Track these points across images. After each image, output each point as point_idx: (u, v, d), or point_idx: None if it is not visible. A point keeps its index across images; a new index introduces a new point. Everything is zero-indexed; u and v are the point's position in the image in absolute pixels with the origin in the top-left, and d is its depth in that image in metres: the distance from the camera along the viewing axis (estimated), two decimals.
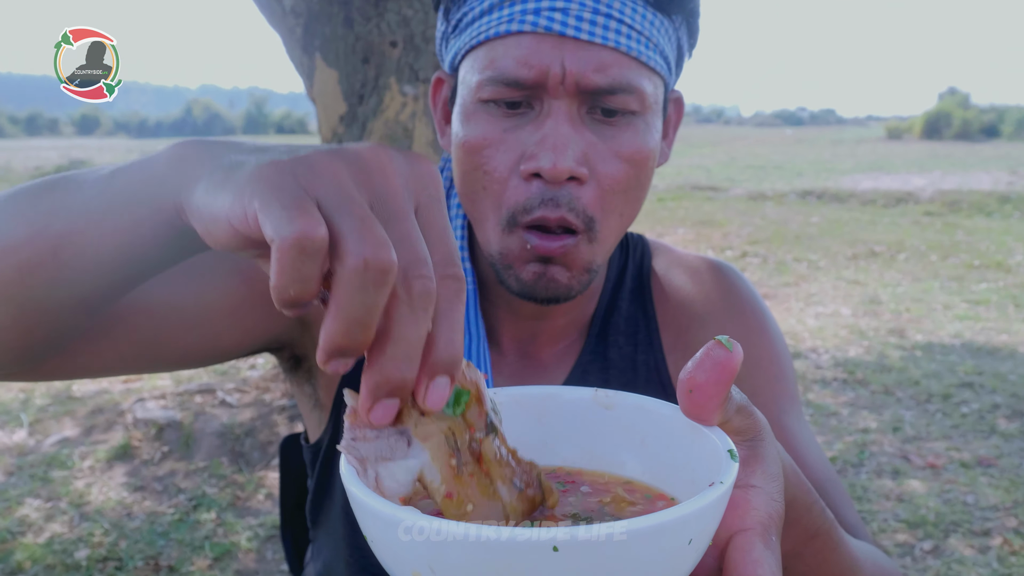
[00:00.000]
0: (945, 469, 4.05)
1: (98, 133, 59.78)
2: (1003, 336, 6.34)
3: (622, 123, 0.89)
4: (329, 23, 3.71)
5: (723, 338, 0.51)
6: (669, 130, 1.04)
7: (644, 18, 0.88)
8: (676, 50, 0.95)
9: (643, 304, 1.08)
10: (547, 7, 0.86)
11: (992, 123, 43.28)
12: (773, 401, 1.03)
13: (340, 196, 0.43)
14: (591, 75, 0.85)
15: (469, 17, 0.91)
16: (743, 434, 0.54)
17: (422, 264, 0.43)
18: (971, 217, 13.27)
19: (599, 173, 0.88)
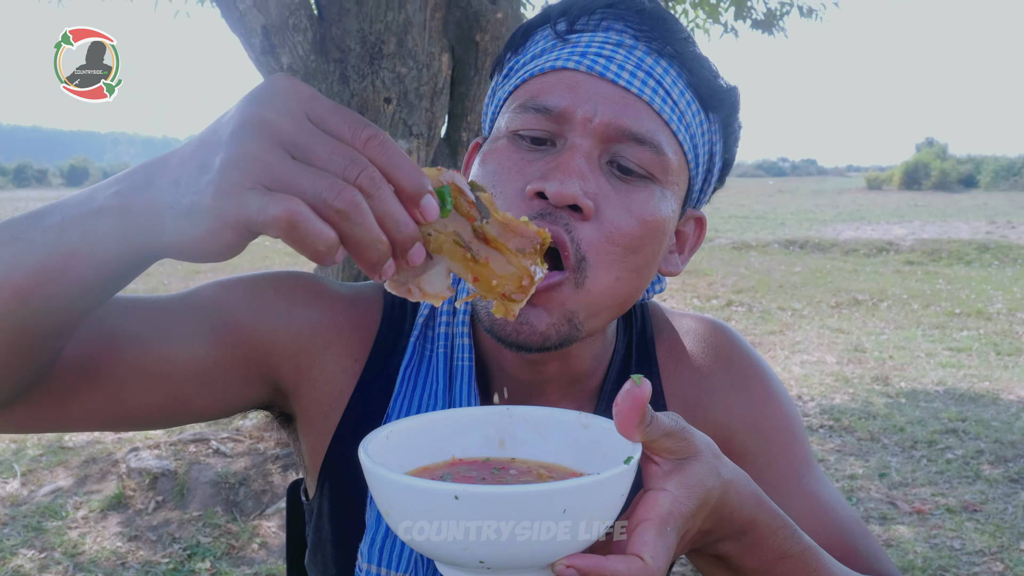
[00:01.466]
0: (931, 515, 4.11)
1: (87, 184, 59.85)
2: (985, 383, 6.44)
3: (638, 184, 0.88)
4: (325, 80, 3.81)
5: (636, 377, 0.65)
6: (685, 247, 1.02)
7: (683, 96, 0.89)
8: (707, 153, 0.95)
9: (649, 378, 0.99)
10: (595, 52, 0.88)
11: (969, 173, 43.97)
12: (789, 468, 1.04)
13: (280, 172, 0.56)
14: (622, 119, 0.85)
15: (522, 62, 0.94)
16: (674, 453, 0.68)
17: (357, 165, 0.57)
18: (951, 266, 13.48)
19: (604, 216, 0.85)
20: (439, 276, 0.66)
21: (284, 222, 0.54)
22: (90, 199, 0.64)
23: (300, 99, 0.58)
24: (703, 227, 1.03)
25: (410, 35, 3.81)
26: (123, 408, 0.87)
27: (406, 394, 0.98)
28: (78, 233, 0.63)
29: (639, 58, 0.88)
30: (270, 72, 3.87)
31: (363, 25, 3.79)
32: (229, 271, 12.25)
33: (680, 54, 0.90)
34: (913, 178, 43.17)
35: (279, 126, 0.57)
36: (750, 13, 6.58)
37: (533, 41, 0.95)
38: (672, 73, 0.89)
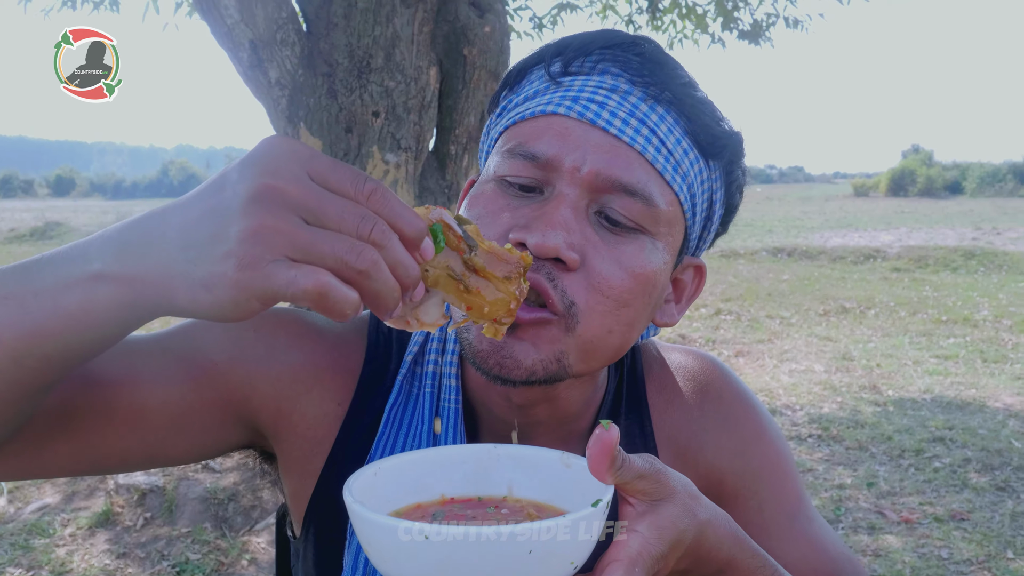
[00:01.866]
0: (919, 524, 4.13)
1: (73, 194, 59.51)
2: (972, 391, 6.48)
3: (627, 236, 0.84)
4: (313, 94, 3.82)
5: (604, 422, 0.67)
6: (683, 297, 0.98)
7: (679, 144, 0.86)
8: (707, 203, 0.92)
9: (640, 420, 1.04)
10: (587, 98, 0.85)
11: (955, 180, 44.22)
12: (782, 510, 1.04)
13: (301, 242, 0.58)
14: (612, 168, 0.83)
15: (515, 102, 0.91)
16: (648, 495, 0.70)
17: (368, 221, 0.60)
18: (937, 272, 13.56)
19: (592, 268, 0.82)
20: (435, 306, 0.70)
21: (315, 294, 0.57)
22: (84, 259, 0.63)
23: (302, 161, 0.60)
24: (703, 276, 0.99)
25: (398, 49, 3.82)
26: (97, 454, 0.86)
27: (390, 434, 0.96)
28: (77, 297, 0.62)
29: (633, 105, 0.85)
30: (258, 85, 3.87)
31: (351, 39, 3.80)
32: None
33: (678, 100, 0.87)
34: (899, 184, 43.39)
35: (290, 193, 0.58)
36: (737, 24, 6.63)
37: (528, 80, 0.92)
38: (668, 120, 0.86)
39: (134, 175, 77.95)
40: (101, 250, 0.63)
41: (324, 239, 0.58)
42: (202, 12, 3.83)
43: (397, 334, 1.02)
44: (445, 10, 4.00)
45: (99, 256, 0.63)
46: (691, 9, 6.70)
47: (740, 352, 7.90)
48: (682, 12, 6.73)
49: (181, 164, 67.65)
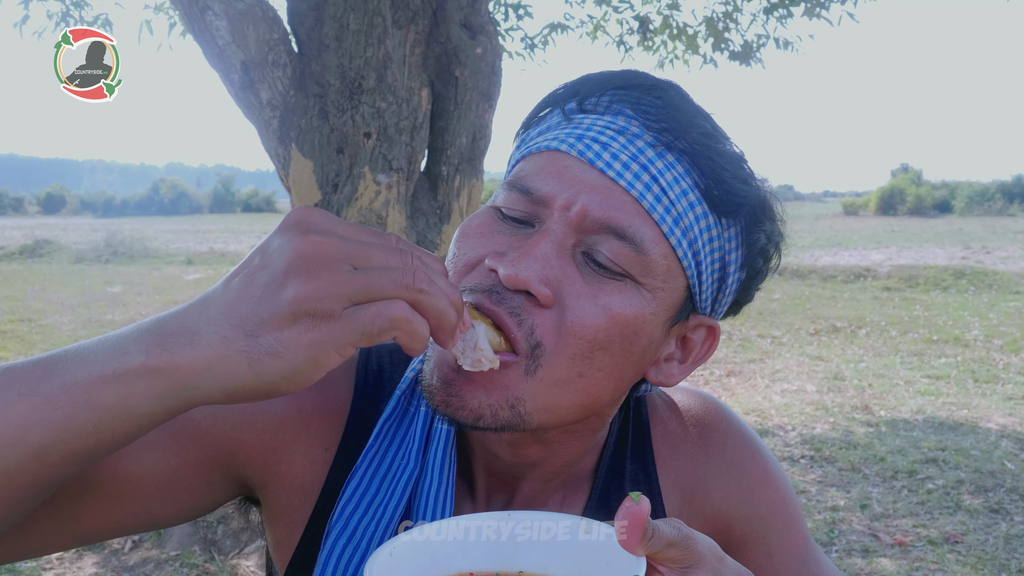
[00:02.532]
0: (913, 547, 4.11)
1: (63, 212, 59.35)
2: (964, 411, 6.48)
3: (612, 280, 0.80)
4: (305, 115, 3.81)
5: (634, 494, 0.63)
6: (689, 357, 0.92)
7: (684, 196, 0.82)
8: (719, 264, 0.86)
9: (645, 465, 1.01)
10: (591, 137, 0.82)
11: (944, 199, 44.47)
12: (790, 556, 1.03)
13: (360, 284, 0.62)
14: (603, 210, 0.79)
15: (531, 136, 0.90)
16: (678, 563, 0.66)
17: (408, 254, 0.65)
18: (928, 292, 13.60)
19: (566, 305, 0.78)
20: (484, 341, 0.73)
21: (402, 320, 0.61)
22: (120, 352, 0.62)
23: (330, 221, 0.64)
24: (715, 337, 0.92)
25: (390, 70, 3.82)
26: (83, 530, 0.83)
27: (380, 448, 0.92)
28: (115, 391, 0.61)
29: (639, 149, 0.81)
30: (249, 106, 3.86)
31: (343, 60, 3.80)
32: None
33: (693, 150, 0.81)
34: (889, 203, 43.62)
35: (331, 248, 0.61)
36: (728, 45, 6.66)
37: (546, 116, 0.90)
38: (677, 170, 0.81)
39: (124, 193, 77.81)
40: (139, 342, 0.62)
41: (380, 274, 0.61)
42: (194, 34, 3.82)
43: (388, 373, 0.99)
44: (437, 32, 4.01)
45: (138, 348, 0.61)
46: (682, 30, 6.73)
47: (732, 372, 7.89)
48: (673, 33, 6.76)
49: (172, 182, 67.40)
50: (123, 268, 18.67)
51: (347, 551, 0.88)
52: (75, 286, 15.22)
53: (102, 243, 22.01)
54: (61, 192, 64.68)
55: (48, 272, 17.82)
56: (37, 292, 14.31)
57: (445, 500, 0.89)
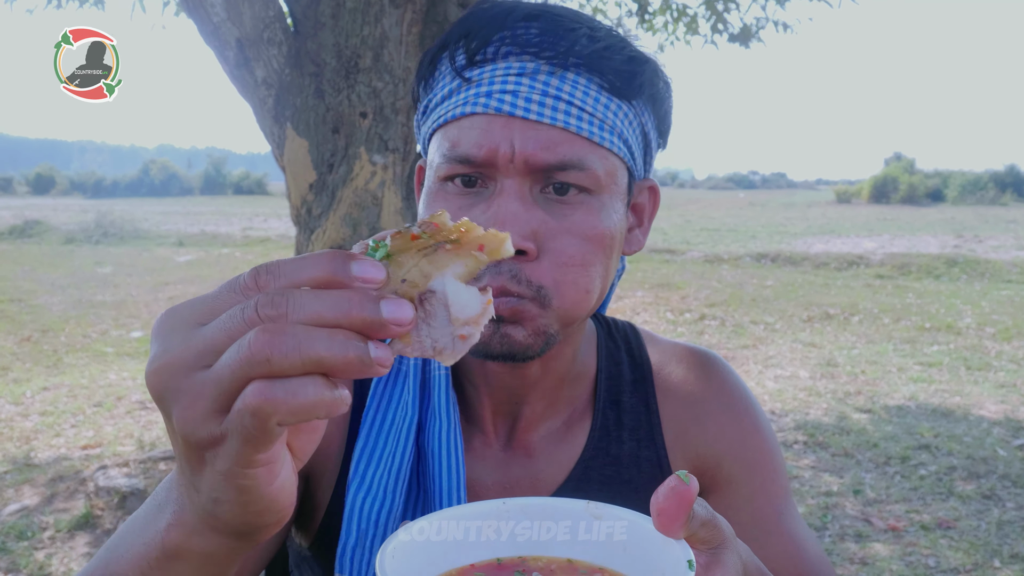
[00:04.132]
0: (906, 532, 4.12)
1: (53, 192, 58.92)
2: (956, 398, 6.49)
3: (575, 201, 0.89)
4: (300, 94, 3.77)
5: (682, 473, 0.63)
6: (644, 218, 1.04)
7: (598, 101, 0.89)
8: (641, 136, 0.95)
9: (646, 399, 1.08)
10: (498, 90, 0.88)
11: (937, 187, 44.51)
12: (770, 504, 1.06)
13: (209, 390, 0.50)
14: (539, 153, 0.86)
15: (433, 103, 0.94)
16: (707, 543, 0.66)
17: (249, 308, 0.49)
18: (920, 280, 13.63)
19: (551, 249, 0.88)
20: (460, 293, 0.52)
21: (258, 415, 0.47)
22: (151, 542, 0.64)
23: (181, 318, 0.52)
24: (657, 193, 1.04)
25: (386, 50, 3.78)
26: None
27: (379, 405, 0.99)
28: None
29: (544, 83, 0.88)
30: (244, 84, 3.82)
31: (339, 39, 3.76)
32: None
33: (585, 59, 0.89)
34: (882, 192, 43.62)
35: (174, 359, 0.51)
36: (727, 27, 6.62)
37: (439, 73, 0.94)
38: (581, 83, 0.89)
39: (115, 174, 77.29)
40: (158, 522, 0.64)
41: (221, 366, 0.49)
42: (188, 10, 3.77)
43: None
44: (434, 11, 3.97)
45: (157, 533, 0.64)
46: (682, 11, 6.69)
47: (725, 357, 7.89)
48: (673, 15, 6.72)
49: (162, 163, 66.94)
50: (113, 249, 18.57)
51: (367, 502, 0.94)
52: (65, 267, 15.14)
53: (92, 224, 21.89)
54: (51, 173, 64.19)
55: (38, 253, 17.72)
56: (27, 272, 14.22)
57: (454, 439, 0.96)
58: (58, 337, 8.86)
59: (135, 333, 9.11)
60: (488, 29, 0.89)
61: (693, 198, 49.90)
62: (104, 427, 5.58)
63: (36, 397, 6.37)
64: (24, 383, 6.85)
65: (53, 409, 6.01)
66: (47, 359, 7.81)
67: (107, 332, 9.19)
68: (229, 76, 3.88)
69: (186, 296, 11.56)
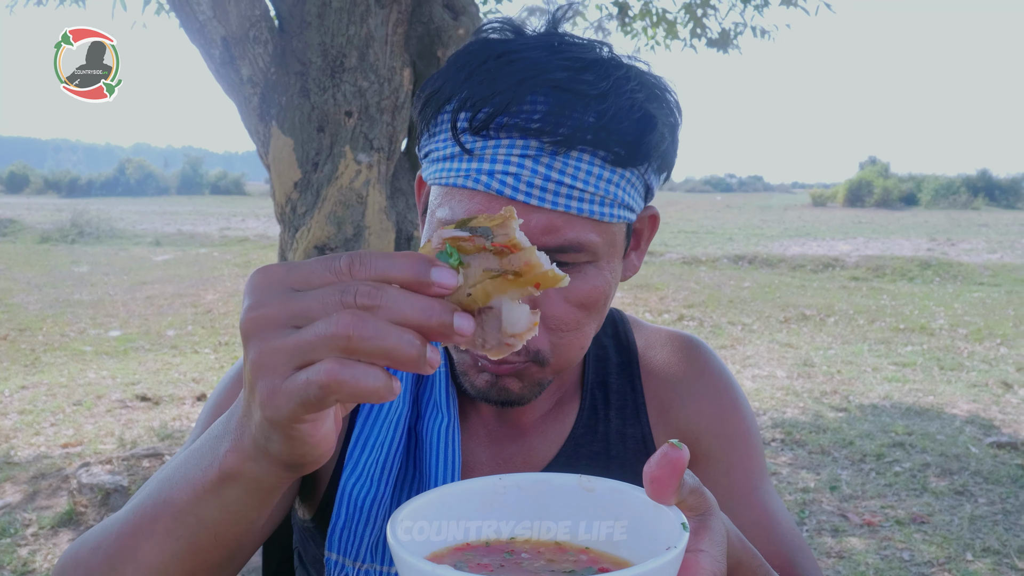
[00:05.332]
0: (881, 527, 4.20)
1: (27, 191, 58.23)
2: (930, 397, 6.60)
3: (572, 273, 0.89)
4: (285, 93, 3.79)
5: (675, 441, 0.66)
6: (641, 242, 1.05)
7: (600, 178, 0.87)
8: (643, 189, 0.94)
9: (631, 380, 1.13)
10: (500, 171, 0.85)
11: (911, 191, 44.95)
12: (746, 477, 1.10)
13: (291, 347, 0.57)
14: (539, 237, 0.86)
15: (433, 156, 0.92)
16: (695, 510, 0.69)
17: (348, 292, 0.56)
18: (895, 282, 13.81)
19: (546, 316, 0.90)
20: (513, 311, 0.60)
21: (332, 383, 0.54)
22: (207, 466, 0.69)
23: (277, 279, 0.59)
24: (656, 221, 1.05)
25: (372, 49, 3.81)
26: None
27: None
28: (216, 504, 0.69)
29: (547, 166, 0.85)
30: (229, 83, 3.84)
31: (325, 38, 3.79)
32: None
33: (593, 135, 0.85)
34: (856, 195, 44.01)
35: (270, 313, 0.57)
36: (705, 32, 6.70)
37: (439, 126, 0.91)
38: (584, 161, 0.86)
39: (90, 173, 76.49)
40: (218, 447, 0.68)
41: (308, 332, 0.55)
42: (175, 8, 3.78)
43: None
44: (419, 11, 4.00)
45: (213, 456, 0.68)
46: (661, 16, 6.76)
47: None
48: (653, 19, 6.79)
49: (138, 163, 66.28)
50: (90, 248, 18.43)
51: (356, 487, 0.99)
52: (41, 266, 15.01)
53: (68, 223, 21.71)
54: (24, 171, 63.42)
55: (13, 252, 17.55)
56: (2, 271, 14.10)
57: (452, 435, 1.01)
58: (35, 336, 8.80)
59: (113, 332, 9.06)
60: (494, 103, 0.85)
61: (671, 200, 50.13)
62: (84, 425, 5.56)
63: (14, 396, 6.34)
64: (2, 382, 6.81)
65: (32, 408, 5.98)
66: (25, 358, 7.76)
67: (85, 331, 9.13)
68: (214, 74, 3.89)
69: (164, 295, 11.50)
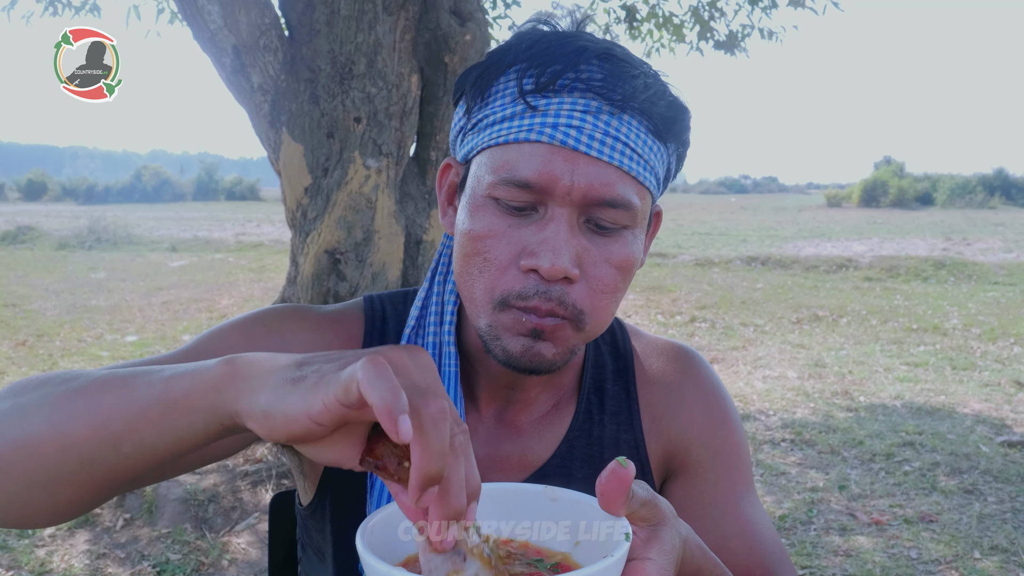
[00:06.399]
0: (889, 525, 4.22)
1: (45, 199, 58.65)
2: (941, 397, 6.60)
3: (613, 235, 0.97)
4: (296, 99, 3.86)
5: (621, 459, 0.71)
6: (647, 239, 1.12)
7: (645, 143, 0.96)
8: (665, 171, 1.03)
9: (626, 386, 1.17)
10: (564, 123, 0.93)
11: (926, 191, 44.66)
12: (732, 489, 1.14)
13: (411, 383, 0.66)
14: (597, 188, 0.93)
15: (490, 119, 0.97)
16: (648, 520, 0.74)
17: (458, 422, 0.67)
18: (908, 282, 13.76)
19: (590, 275, 0.96)
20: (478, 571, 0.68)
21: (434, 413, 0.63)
22: (199, 364, 0.74)
23: (423, 364, 0.70)
24: (660, 218, 1.14)
25: (380, 56, 3.87)
26: (142, 481, 0.90)
27: None
28: (181, 388, 0.72)
29: (606, 123, 0.94)
30: (240, 90, 3.90)
31: (333, 46, 3.85)
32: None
33: (640, 105, 0.95)
34: (871, 195, 43.76)
35: (397, 364, 0.67)
36: (713, 34, 6.73)
37: (499, 90, 0.98)
38: (634, 125, 0.95)
39: (106, 180, 76.92)
40: (217, 362, 0.73)
41: (408, 387, 0.65)
42: (186, 18, 3.86)
43: (391, 314, 1.16)
44: (427, 18, 4.06)
45: (215, 361, 0.73)
46: (668, 19, 6.80)
47: (715, 359, 8.00)
48: (659, 22, 6.83)
49: (154, 169, 66.58)
50: (107, 255, 18.59)
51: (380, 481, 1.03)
52: (59, 272, 15.17)
53: (85, 230, 21.88)
54: (42, 178, 63.86)
55: (31, 258, 17.73)
56: (20, 278, 14.25)
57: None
58: (53, 341, 8.91)
59: (130, 337, 9.17)
60: (560, 64, 0.94)
61: (685, 202, 50.02)
62: None
63: None
64: None
65: None
66: (43, 363, 7.86)
67: (102, 336, 9.24)
68: (225, 82, 3.96)
69: (180, 300, 11.60)
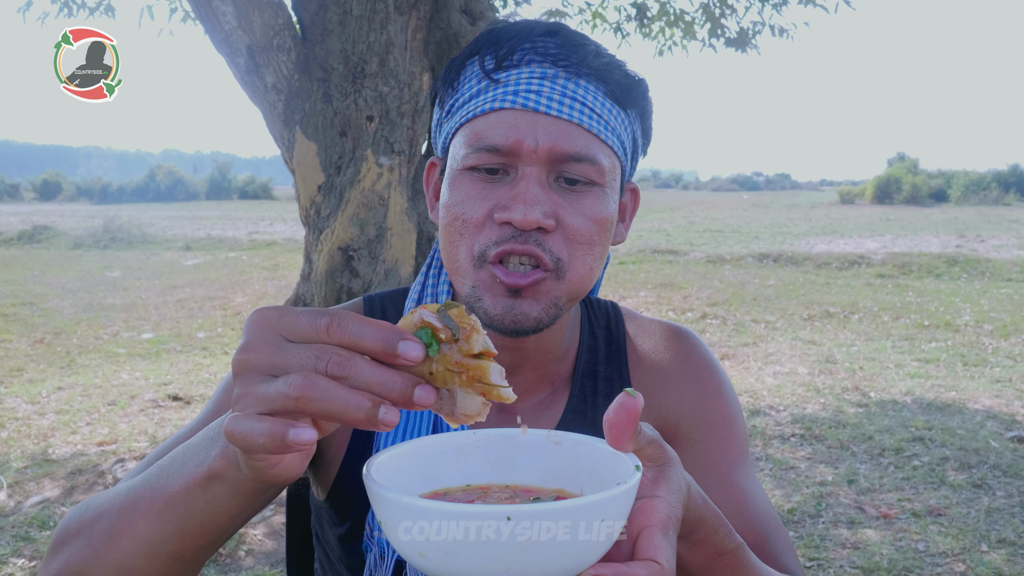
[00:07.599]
0: (897, 519, 4.25)
1: (60, 199, 59.02)
2: (952, 393, 6.61)
3: (583, 190, 1.04)
4: (309, 99, 3.91)
5: (629, 389, 0.72)
6: (626, 215, 1.19)
7: (603, 105, 1.05)
8: (631, 141, 1.11)
9: (619, 367, 1.22)
10: (524, 89, 1.03)
11: (940, 188, 44.44)
12: (724, 459, 1.17)
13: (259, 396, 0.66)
14: (560, 144, 1.01)
15: (460, 102, 1.08)
16: (654, 460, 0.75)
17: (323, 357, 0.65)
18: (921, 279, 13.73)
19: (565, 225, 1.02)
20: (466, 399, 0.69)
21: (272, 437, 0.64)
22: (199, 463, 0.80)
23: (270, 325, 0.67)
24: (637, 195, 1.21)
25: (392, 55, 3.92)
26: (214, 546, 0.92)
27: None
28: (202, 497, 0.80)
29: (563, 86, 1.03)
30: (254, 90, 3.96)
31: (346, 45, 3.90)
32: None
33: (594, 70, 1.05)
34: (885, 192, 43.59)
35: (254, 360, 0.67)
36: (724, 32, 6.75)
37: (465, 77, 1.08)
38: (591, 89, 1.04)
39: (120, 179, 77.30)
40: (209, 450, 0.79)
41: (276, 385, 0.64)
42: (200, 18, 3.92)
43: (392, 309, 1.23)
44: (438, 17, 4.11)
45: (207, 456, 0.79)
46: (679, 17, 6.82)
47: (725, 355, 8.02)
48: (670, 20, 6.86)
49: (168, 168, 66.84)
50: (121, 253, 18.75)
51: None
52: (75, 271, 15.31)
53: (100, 229, 22.06)
54: (57, 178, 64.27)
55: (47, 258, 17.90)
56: (37, 277, 14.40)
57: None
58: (70, 339, 9.01)
59: (145, 335, 9.26)
60: (515, 40, 1.05)
61: (697, 200, 49.93)
62: (119, 424, 5.73)
63: (52, 396, 6.53)
64: (39, 383, 7.01)
65: (68, 408, 6.16)
66: (60, 360, 7.96)
67: (118, 334, 9.34)
68: (239, 82, 4.02)
69: (195, 298, 11.70)
